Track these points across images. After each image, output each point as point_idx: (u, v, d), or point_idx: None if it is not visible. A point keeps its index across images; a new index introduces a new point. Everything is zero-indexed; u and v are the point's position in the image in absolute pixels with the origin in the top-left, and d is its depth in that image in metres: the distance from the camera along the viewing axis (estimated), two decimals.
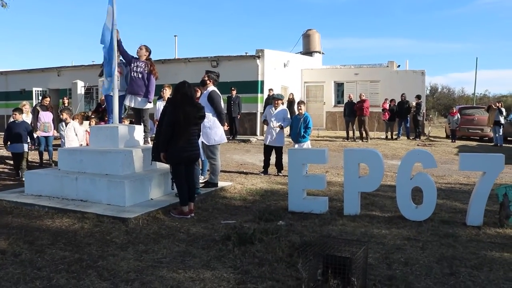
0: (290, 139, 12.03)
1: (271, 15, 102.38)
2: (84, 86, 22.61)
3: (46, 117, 11.65)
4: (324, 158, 6.34)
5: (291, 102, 19.56)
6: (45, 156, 11.69)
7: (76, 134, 10.19)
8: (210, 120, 7.66)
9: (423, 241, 4.94)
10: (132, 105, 8.07)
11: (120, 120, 8.02)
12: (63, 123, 10.34)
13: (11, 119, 9.84)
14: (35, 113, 11.88)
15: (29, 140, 9.89)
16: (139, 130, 7.83)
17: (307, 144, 9.81)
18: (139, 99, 7.98)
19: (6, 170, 10.33)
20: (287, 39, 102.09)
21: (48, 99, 12.22)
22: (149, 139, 8.27)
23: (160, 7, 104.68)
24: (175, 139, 5.87)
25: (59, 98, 20.51)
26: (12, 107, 11.53)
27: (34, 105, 13.91)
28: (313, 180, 6.46)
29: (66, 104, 15.25)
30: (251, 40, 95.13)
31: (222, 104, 7.99)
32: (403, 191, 5.91)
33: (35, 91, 23.67)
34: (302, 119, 9.74)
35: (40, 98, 20.02)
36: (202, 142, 7.65)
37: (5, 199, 6.83)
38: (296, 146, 9.74)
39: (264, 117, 10.25)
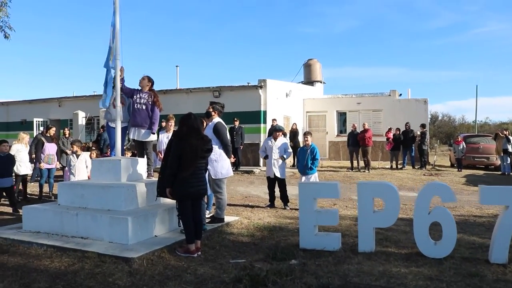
0: (293, 170, 11.80)
1: (271, 45, 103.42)
2: (85, 117, 22.48)
3: (51, 148, 11.42)
4: (337, 192, 6.06)
5: (294, 133, 19.38)
6: (45, 188, 11.41)
7: (86, 166, 9.89)
8: (216, 153, 7.40)
9: (446, 282, 4.62)
10: (136, 138, 7.82)
11: (123, 152, 7.77)
12: (74, 155, 10.06)
13: None
14: (39, 144, 11.62)
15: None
16: (142, 163, 7.57)
17: (314, 176, 9.54)
18: (143, 131, 7.73)
19: (6, 202, 9.97)
20: (288, 69, 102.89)
21: (53, 130, 11.97)
22: (152, 171, 8.00)
23: (161, 38, 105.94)
24: (182, 173, 5.60)
25: (60, 129, 20.35)
26: (13, 138, 11.31)
27: (35, 135, 13.67)
28: (325, 215, 6.15)
29: (67, 135, 14.99)
30: (252, 70, 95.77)
31: (228, 136, 7.76)
32: (421, 227, 5.61)
33: (36, 121, 23.55)
34: (309, 151, 9.49)
35: (41, 128, 19.87)
36: (208, 175, 7.38)
37: (1, 236, 6.53)
38: (304, 178, 9.47)
39: (263, 150, 9.97)
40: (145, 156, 7.89)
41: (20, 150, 11.01)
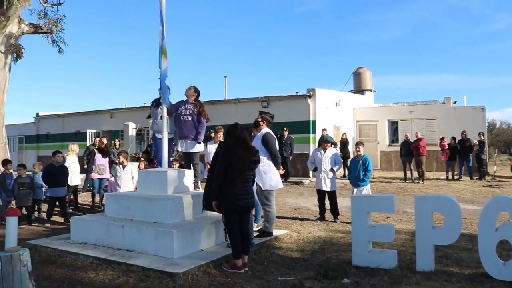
0: (344, 181, 11.42)
1: (319, 54, 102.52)
2: (135, 128, 22.84)
3: (101, 159, 11.59)
4: (392, 206, 5.67)
5: (344, 143, 18.93)
6: (96, 198, 11.54)
7: (132, 177, 9.85)
8: (265, 164, 7.16)
9: None
10: (183, 150, 7.70)
11: (169, 164, 7.66)
12: (120, 166, 10.10)
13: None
14: (91, 154, 11.82)
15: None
16: (189, 175, 7.43)
17: (366, 188, 9.12)
18: (189, 142, 7.60)
19: (56, 212, 10.11)
20: (337, 78, 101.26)
21: (104, 140, 12.14)
22: (199, 183, 7.85)
23: (209, 49, 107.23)
24: (228, 186, 5.39)
25: (111, 140, 20.82)
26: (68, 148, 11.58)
27: (87, 146, 13.94)
28: (380, 231, 5.77)
29: (118, 146, 15.20)
30: (301, 79, 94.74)
31: (277, 147, 7.51)
32: (487, 245, 5.13)
33: (89, 132, 24.17)
34: (361, 161, 9.09)
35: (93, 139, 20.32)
36: (257, 187, 7.15)
37: (50, 246, 6.56)
38: (355, 190, 9.07)
39: (311, 162, 9.65)
40: (192, 168, 7.76)
41: (74, 161, 11.25)
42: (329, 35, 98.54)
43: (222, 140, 8.06)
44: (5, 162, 10.14)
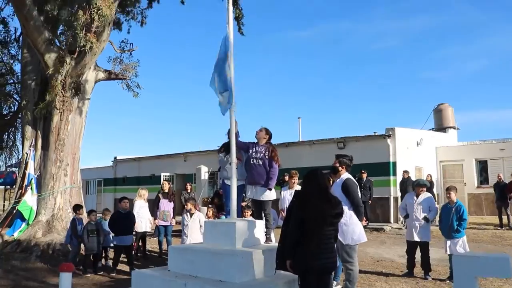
0: (432, 228, 10.30)
1: (397, 93, 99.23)
2: (208, 171, 22.60)
3: (166, 205, 11.14)
4: (509, 270, 4.57)
5: (429, 185, 17.51)
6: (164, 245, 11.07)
7: (200, 226, 9.18)
8: (346, 215, 6.28)
9: None
10: (253, 197, 6.99)
11: (239, 213, 6.96)
12: (188, 214, 9.49)
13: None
14: (156, 200, 11.46)
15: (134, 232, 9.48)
16: (260, 226, 6.67)
17: (462, 240, 7.98)
18: (260, 188, 6.86)
19: (124, 260, 9.60)
20: (416, 116, 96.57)
21: (167, 185, 11.67)
22: (271, 235, 7.06)
23: (282, 91, 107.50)
24: (305, 242, 4.59)
25: (184, 184, 20.69)
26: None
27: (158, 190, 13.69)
28: None
29: (189, 190, 14.83)
30: (378, 119, 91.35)
31: (359, 194, 6.64)
32: None
33: (163, 176, 24.26)
34: (454, 209, 8.03)
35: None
36: (336, 241, 6.26)
37: None
38: (449, 242, 7.97)
39: (403, 208, 8.68)
40: (264, 218, 7.00)
41: (142, 206, 10.94)
42: (405, 73, 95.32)
43: (298, 187, 7.31)
44: (77, 207, 9.97)
